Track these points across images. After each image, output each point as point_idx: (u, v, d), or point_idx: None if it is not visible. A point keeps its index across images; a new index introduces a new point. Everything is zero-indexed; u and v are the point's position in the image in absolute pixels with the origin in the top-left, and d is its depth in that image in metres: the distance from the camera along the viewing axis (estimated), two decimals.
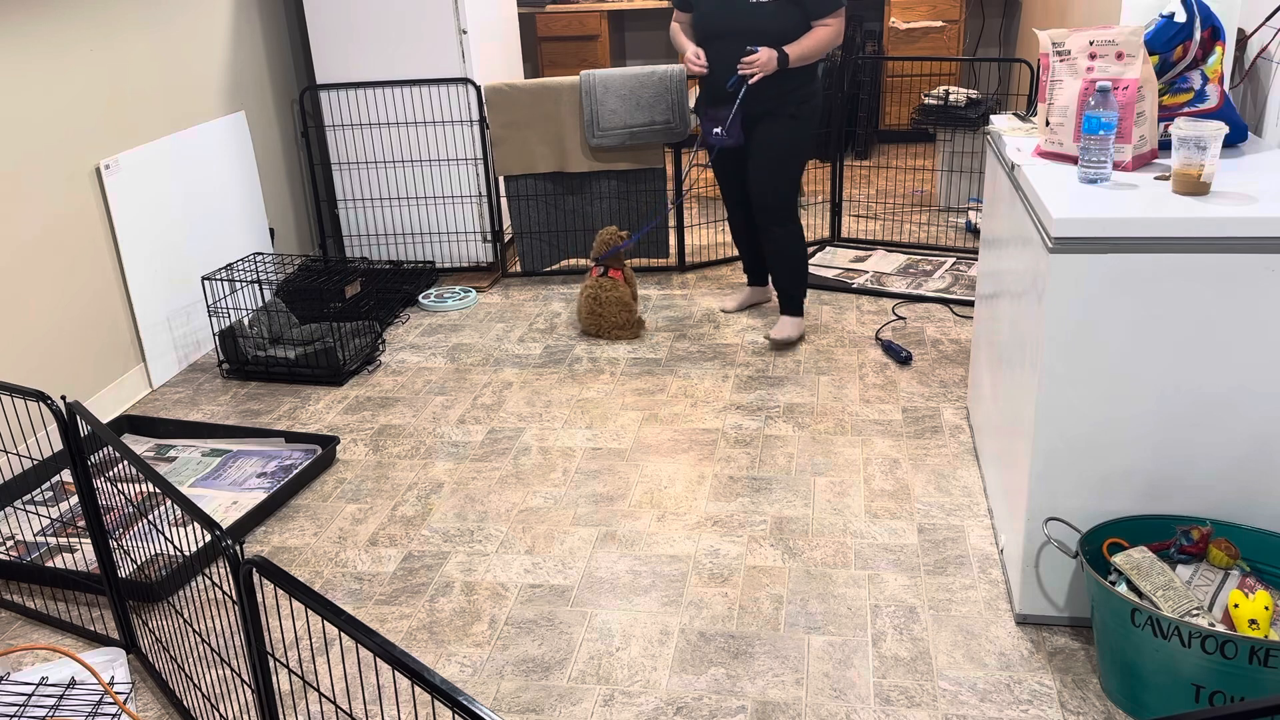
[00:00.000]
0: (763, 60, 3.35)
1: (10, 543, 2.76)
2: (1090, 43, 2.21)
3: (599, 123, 4.15)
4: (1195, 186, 2.03)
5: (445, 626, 2.38)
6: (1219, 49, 2.33)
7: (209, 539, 2.54)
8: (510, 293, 4.39)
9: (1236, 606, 1.90)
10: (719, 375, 3.52)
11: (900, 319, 3.90)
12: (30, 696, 2.17)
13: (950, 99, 5.01)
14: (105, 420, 3.37)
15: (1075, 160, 2.25)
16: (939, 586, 2.42)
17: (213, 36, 4.01)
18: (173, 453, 3.21)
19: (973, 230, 4.76)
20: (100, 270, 3.41)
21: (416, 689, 2.16)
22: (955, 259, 4.45)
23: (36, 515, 2.83)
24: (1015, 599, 2.30)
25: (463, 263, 4.58)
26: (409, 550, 2.67)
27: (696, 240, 4.85)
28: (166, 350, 3.72)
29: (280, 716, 2.13)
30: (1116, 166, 2.21)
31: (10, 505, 2.91)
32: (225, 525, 2.63)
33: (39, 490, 3.02)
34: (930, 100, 5.07)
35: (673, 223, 4.51)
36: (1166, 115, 2.33)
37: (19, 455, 2.68)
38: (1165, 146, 2.28)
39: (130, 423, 3.33)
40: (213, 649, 1.98)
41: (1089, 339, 2.02)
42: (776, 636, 2.28)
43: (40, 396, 2.10)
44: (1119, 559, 2.05)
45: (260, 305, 3.84)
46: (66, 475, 3.09)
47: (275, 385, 3.65)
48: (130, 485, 2.96)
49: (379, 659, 1.35)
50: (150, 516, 2.83)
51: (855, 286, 4.20)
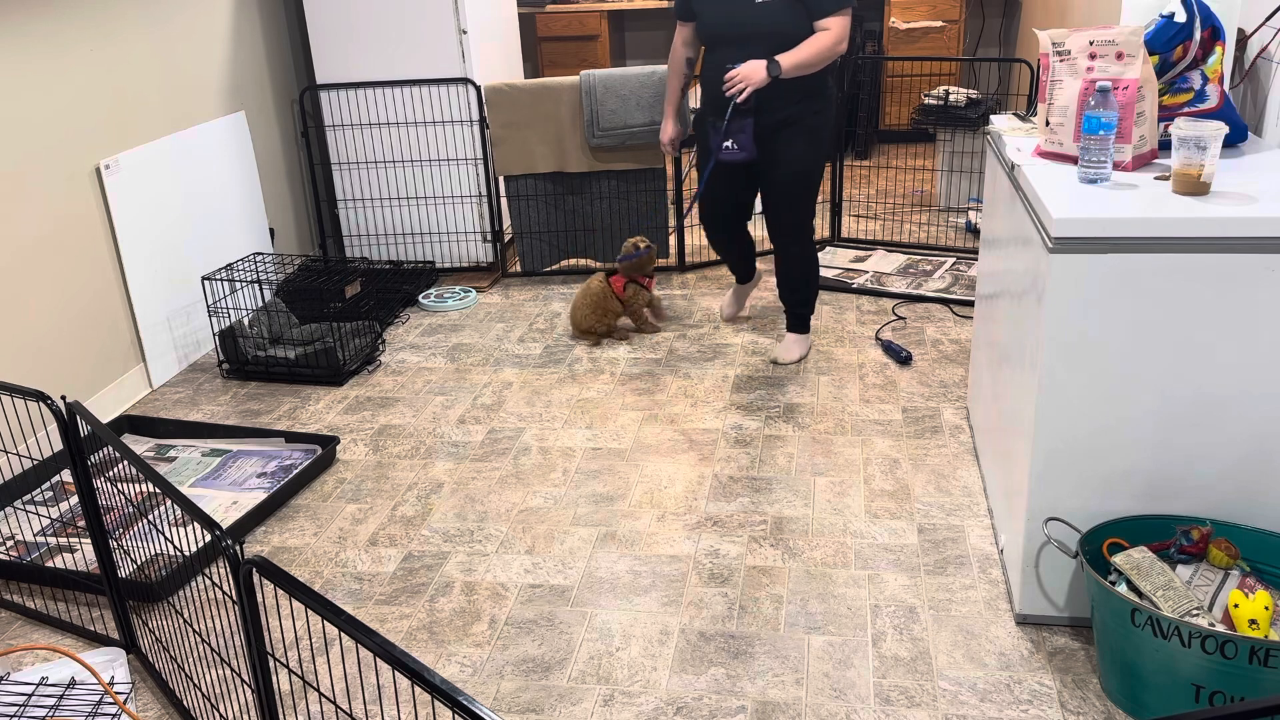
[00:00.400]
0: (744, 74, 3.13)
1: (10, 543, 2.76)
2: (1090, 43, 2.21)
3: (599, 123, 4.15)
4: (1195, 186, 2.03)
5: (445, 626, 2.38)
6: (1219, 49, 2.33)
7: (209, 539, 2.54)
8: (510, 293, 4.39)
9: (1236, 606, 1.91)
10: (719, 375, 3.52)
11: (900, 319, 3.90)
12: (30, 696, 2.17)
13: (950, 99, 5.01)
14: (105, 420, 3.37)
15: (1075, 160, 2.25)
16: (939, 586, 2.42)
17: (213, 36, 4.01)
18: (173, 453, 3.21)
19: (973, 230, 4.76)
20: (100, 270, 3.41)
21: (416, 689, 2.16)
22: (955, 259, 4.45)
23: (36, 515, 2.83)
24: (1015, 599, 2.30)
25: (463, 263, 4.58)
26: (409, 550, 2.67)
27: (696, 240, 4.85)
28: (166, 350, 3.72)
29: (280, 716, 2.13)
30: (1116, 166, 2.21)
31: (10, 505, 2.91)
32: (225, 525, 2.63)
33: (39, 490, 3.02)
34: (930, 100, 5.07)
35: (673, 223, 4.51)
36: (1166, 115, 2.33)
37: (19, 455, 2.68)
38: (1165, 146, 2.28)
39: (130, 423, 3.33)
40: (213, 649, 1.98)
41: (1089, 339, 2.02)
42: (776, 636, 2.28)
43: (40, 396, 2.10)
44: (1119, 559, 2.05)
45: (260, 305, 3.84)
46: (66, 475, 3.09)
47: (275, 385, 3.65)
48: (130, 485, 2.96)
49: (379, 659, 1.35)
50: (150, 516, 2.83)
51: (855, 286, 4.20)
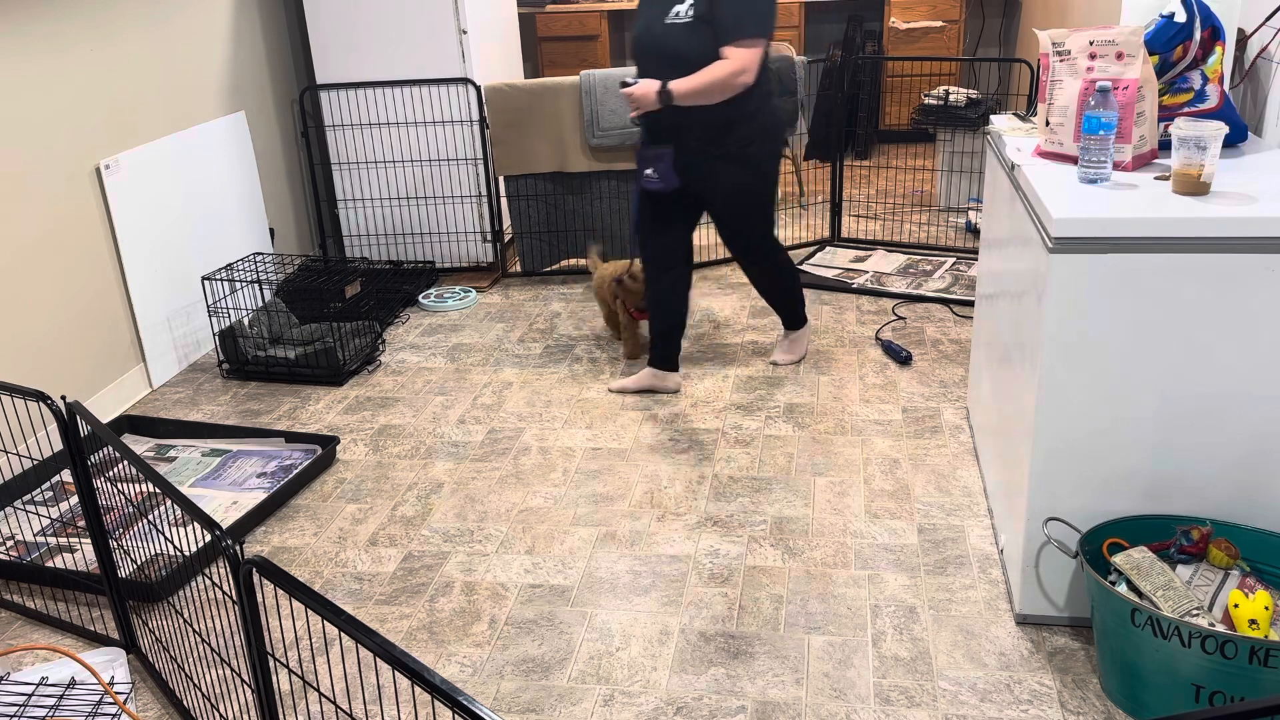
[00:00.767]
0: (636, 94, 2.97)
1: (10, 543, 2.76)
2: (1090, 43, 2.21)
3: (599, 123, 4.15)
4: (1195, 186, 2.03)
5: (445, 626, 2.38)
6: (1219, 49, 2.33)
7: (209, 539, 2.54)
8: (510, 293, 4.39)
9: (1236, 606, 1.91)
10: (719, 375, 3.52)
11: (900, 319, 3.90)
12: (30, 696, 2.17)
13: (950, 99, 5.01)
14: (105, 420, 3.37)
15: (1075, 160, 2.25)
16: (939, 586, 2.42)
17: (213, 36, 4.01)
18: (173, 453, 3.21)
19: (973, 230, 4.76)
20: (100, 270, 3.41)
21: (416, 689, 2.16)
22: (955, 259, 4.45)
23: (36, 515, 2.83)
24: (1015, 599, 2.29)
25: (463, 263, 4.58)
26: (409, 550, 2.67)
27: (696, 240, 4.85)
28: (166, 350, 3.72)
29: (280, 716, 2.13)
30: (1116, 166, 2.21)
31: (10, 505, 2.91)
32: (225, 525, 2.63)
33: (39, 490, 3.02)
34: (930, 100, 5.07)
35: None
36: (1166, 115, 2.32)
37: (19, 455, 2.68)
38: (1165, 146, 2.28)
39: (130, 423, 3.33)
40: (213, 649, 1.98)
41: (1089, 339, 2.02)
42: (776, 636, 2.28)
43: (40, 396, 2.10)
44: (1119, 559, 2.05)
45: (260, 305, 3.84)
46: (66, 475, 3.09)
47: (275, 385, 3.65)
48: (130, 485, 2.96)
49: (379, 659, 1.35)
50: (150, 516, 2.83)
51: (855, 286, 4.20)
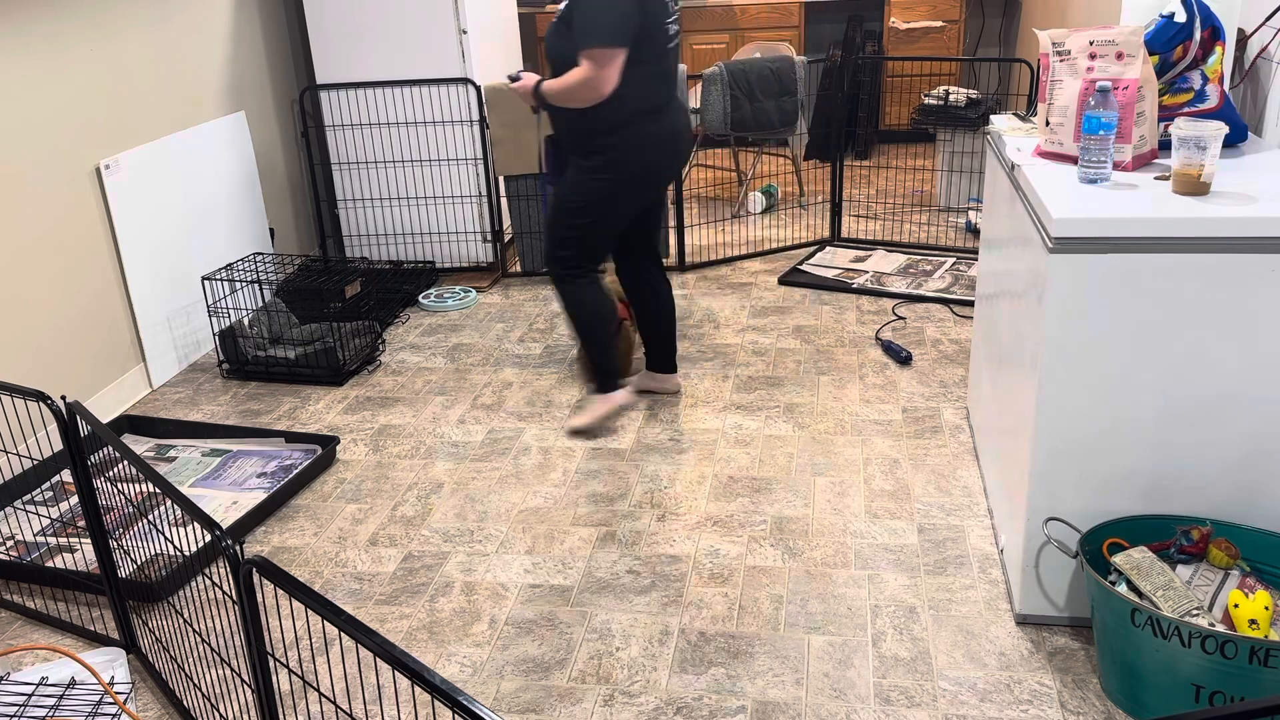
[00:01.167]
0: (515, 87, 2.97)
1: (10, 543, 2.76)
2: (1090, 43, 2.21)
3: None
4: (1195, 186, 2.03)
5: (445, 626, 2.38)
6: (1219, 49, 2.33)
7: (209, 539, 2.54)
8: (510, 293, 4.39)
9: (1236, 606, 1.91)
10: (719, 375, 3.52)
11: (900, 319, 3.90)
12: (30, 696, 2.17)
13: (950, 99, 5.01)
14: (105, 420, 3.37)
15: (1075, 160, 2.25)
16: (939, 586, 2.42)
17: (213, 36, 4.01)
18: (173, 453, 3.21)
19: (973, 230, 4.76)
20: (100, 270, 3.41)
21: (416, 689, 2.16)
22: (955, 259, 4.45)
23: (36, 515, 2.83)
24: (1015, 599, 2.29)
25: (463, 263, 4.58)
26: (409, 550, 2.67)
27: (696, 240, 4.85)
28: (166, 350, 3.72)
29: (280, 716, 2.13)
30: (1116, 166, 2.21)
31: (10, 505, 2.91)
32: (225, 525, 2.63)
33: (39, 490, 3.02)
34: (930, 100, 5.07)
35: (673, 223, 4.51)
36: (1166, 115, 2.33)
37: (19, 455, 2.68)
38: (1165, 146, 2.28)
39: (130, 423, 3.33)
40: (213, 649, 1.98)
41: (1089, 339, 2.02)
42: (776, 636, 2.28)
43: (40, 396, 2.10)
44: (1119, 559, 2.05)
45: (260, 305, 3.84)
46: (66, 475, 3.09)
47: (275, 385, 3.65)
48: (130, 485, 2.96)
49: (379, 659, 1.35)
50: (150, 516, 2.83)
51: (855, 286, 4.20)
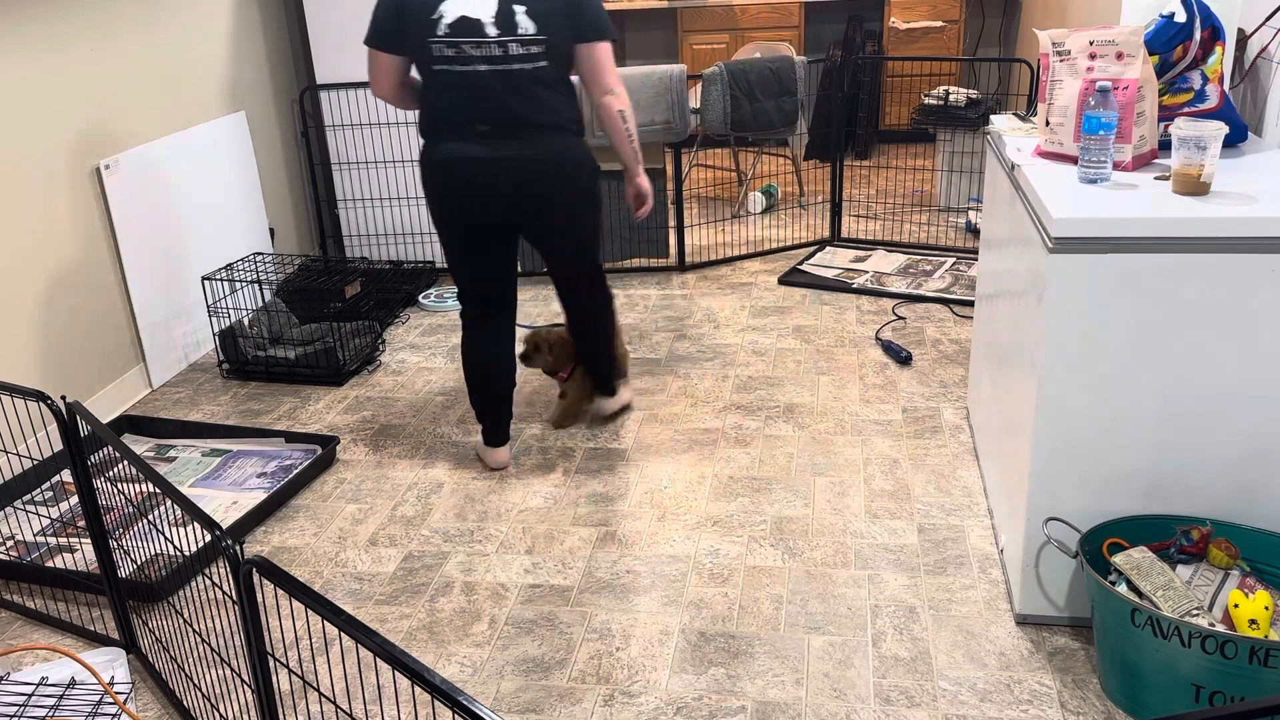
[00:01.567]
0: None
1: (10, 543, 2.76)
2: (1090, 43, 2.21)
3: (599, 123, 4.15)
4: (1195, 186, 2.03)
5: (445, 626, 2.38)
6: (1219, 49, 2.33)
7: (209, 539, 2.54)
8: None
9: (1236, 606, 1.91)
10: (719, 375, 3.52)
11: (900, 319, 3.90)
12: (30, 696, 2.17)
13: (950, 99, 5.01)
14: (105, 420, 3.37)
15: (1075, 160, 2.25)
16: (939, 586, 2.42)
17: (213, 36, 4.01)
18: (173, 453, 3.21)
19: (973, 230, 4.76)
20: (100, 270, 3.41)
21: (416, 689, 2.16)
22: (955, 259, 4.45)
23: (36, 515, 2.83)
24: (1015, 599, 2.29)
25: None
26: (409, 550, 2.67)
27: (696, 240, 4.85)
28: (166, 350, 3.72)
29: (280, 716, 2.13)
30: (1116, 166, 2.21)
31: (10, 505, 2.91)
32: (225, 525, 2.63)
33: (39, 490, 3.02)
34: (930, 100, 5.07)
35: (673, 223, 4.51)
36: (1166, 115, 2.32)
37: (19, 455, 2.68)
38: (1165, 146, 2.28)
39: (130, 423, 3.33)
40: (213, 649, 1.98)
41: (1089, 339, 2.02)
42: (776, 636, 2.28)
43: (40, 396, 2.10)
44: (1119, 559, 2.05)
45: (260, 305, 3.84)
46: (66, 475, 3.09)
47: (275, 385, 3.65)
48: (130, 485, 2.96)
49: (379, 659, 1.35)
50: (150, 516, 2.83)
51: (855, 286, 4.20)
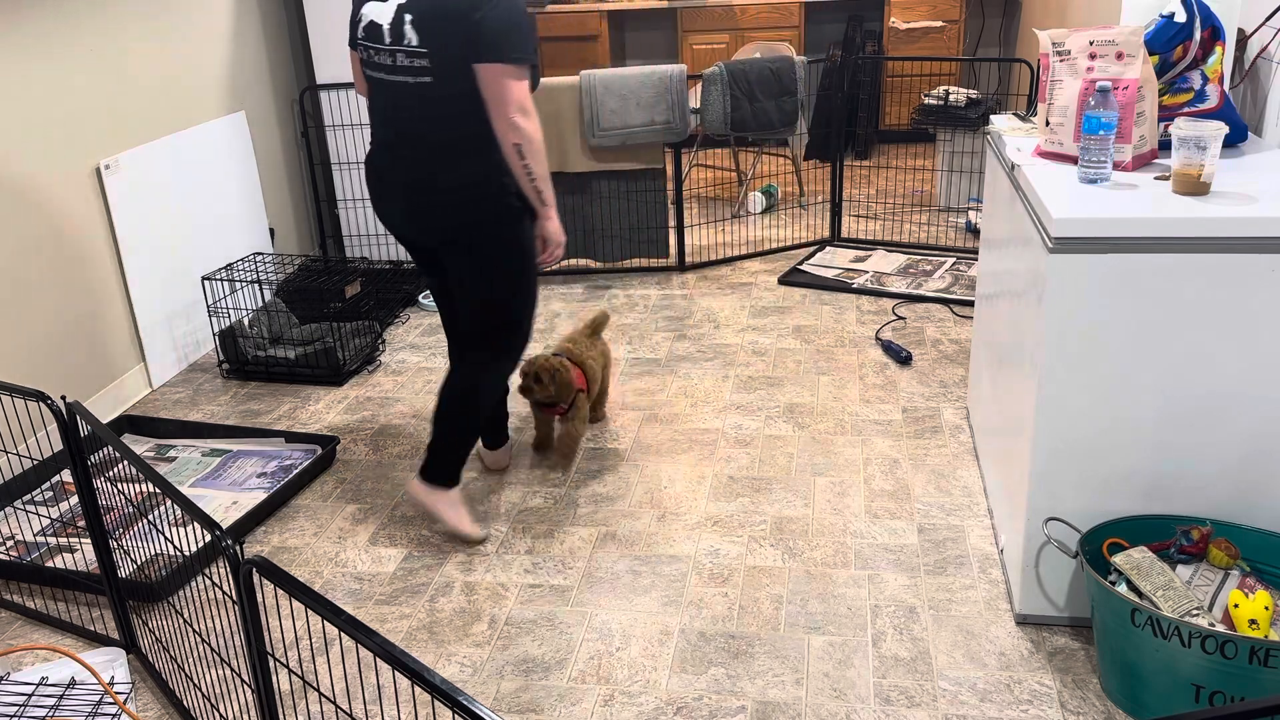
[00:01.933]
0: None
1: (10, 543, 2.76)
2: (1090, 43, 2.21)
3: (599, 123, 4.15)
4: (1195, 186, 2.03)
5: (445, 626, 2.38)
6: (1219, 49, 2.33)
7: (209, 539, 2.54)
8: None
9: (1236, 606, 1.91)
10: (719, 375, 3.52)
11: (900, 319, 3.90)
12: (30, 696, 2.17)
13: (950, 99, 5.01)
14: (105, 420, 3.37)
15: (1075, 160, 2.25)
16: (939, 586, 2.42)
17: (213, 36, 4.01)
18: (173, 453, 3.21)
19: (973, 230, 4.76)
20: (100, 270, 3.41)
21: (416, 689, 2.16)
22: (955, 259, 4.45)
23: (36, 515, 2.83)
24: (1015, 599, 2.30)
25: None
26: (409, 550, 2.67)
27: (696, 240, 4.85)
28: (166, 350, 3.72)
29: (280, 716, 2.13)
30: (1116, 166, 2.21)
31: (10, 505, 2.91)
32: (225, 525, 2.63)
33: (39, 490, 3.02)
34: (930, 100, 5.07)
35: (673, 223, 4.51)
36: (1166, 115, 2.33)
37: (19, 455, 2.68)
38: (1165, 146, 2.28)
39: (130, 423, 3.33)
40: (213, 649, 1.98)
41: (1089, 339, 2.02)
42: (776, 636, 2.28)
43: (40, 396, 2.10)
44: (1119, 559, 2.05)
45: (260, 305, 3.84)
46: (66, 475, 3.09)
47: (275, 385, 3.65)
48: (130, 485, 2.96)
49: (379, 659, 1.35)
50: (150, 516, 2.83)
51: (855, 286, 4.20)
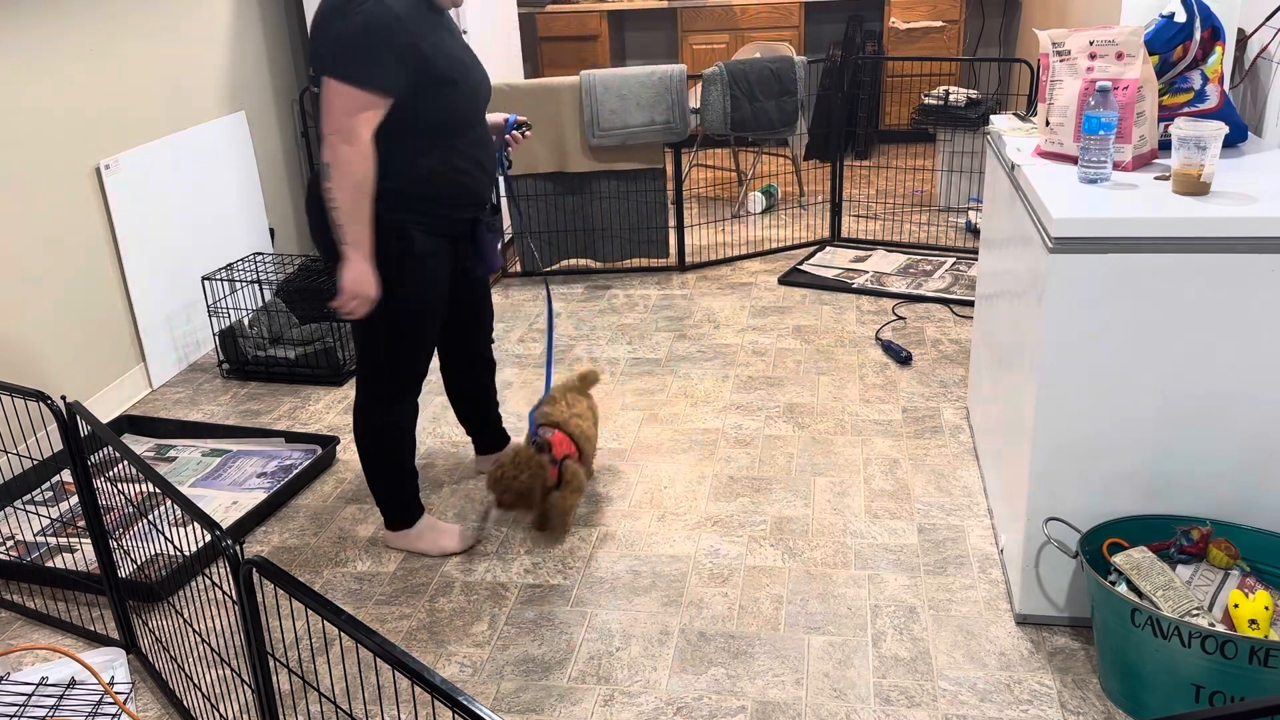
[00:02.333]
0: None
1: (10, 543, 2.76)
2: (1090, 43, 2.21)
3: (599, 123, 4.15)
4: (1195, 186, 2.03)
5: (445, 626, 2.38)
6: (1219, 49, 2.33)
7: (209, 539, 2.54)
8: (510, 293, 4.39)
9: (1236, 606, 1.91)
10: (719, 375, 3.52)
11: (900, 319, 3.90)
12: (30, 696, 2.18)
13: (950, 99, 5.01)
14: (105, 420, 3.37)
15: (1075, 160, 2.25)
16: (939, 586, 2.42)
17: (213, 36, 4.01)
18: (173, 453, 3.21)
19: (973, 230, 4.76)
20: (100, 270, 3.41)
21: (416, 689, 2.16)
22: (955, 259, 4.45)
23: (36, 515, 2.83)
24: (1015, 599, 2.30)
25: None
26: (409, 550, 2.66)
27: (696, 240, 4.85)
28: (166, 350, 3.72)
29: (280, 716, 2.13)
30: (1116, 166, 2.21)
31: (10, 505, 2.91)
32: (225, 525, 2.63)
33: (39, 490, 3.02)
34: (930, 100, 5.07)
35: (673, 223, 4.51)
36: (1166, 115, 2.33)
37: (19, 455, 2.68)
38: (1165, 146, 2.28)
39: (130, 423, 3.33)
40: (213, 649, 1.98)
41: (1089, 339, 2.02)
42: (776, 636, 2.28)
43: (40, 396, 2.10)
44: (1119, 559, 2.05)
45: (260, 305, 3.84)
46: (66, 475, 3.09)
47: (275, 385, 3.65)
48: (130, 485, 2.96)
49: (379, 659, 1.35)
50: (150, 516, 2.83)
51: (855, 286, 4.20)
